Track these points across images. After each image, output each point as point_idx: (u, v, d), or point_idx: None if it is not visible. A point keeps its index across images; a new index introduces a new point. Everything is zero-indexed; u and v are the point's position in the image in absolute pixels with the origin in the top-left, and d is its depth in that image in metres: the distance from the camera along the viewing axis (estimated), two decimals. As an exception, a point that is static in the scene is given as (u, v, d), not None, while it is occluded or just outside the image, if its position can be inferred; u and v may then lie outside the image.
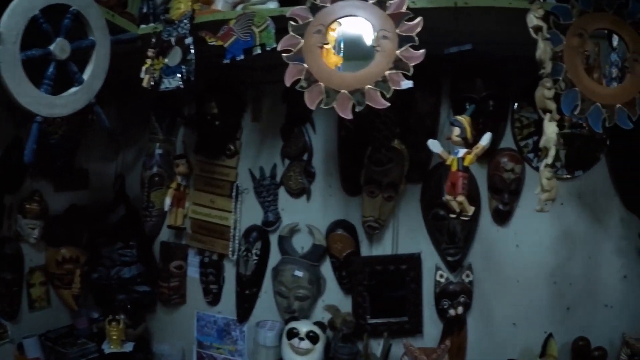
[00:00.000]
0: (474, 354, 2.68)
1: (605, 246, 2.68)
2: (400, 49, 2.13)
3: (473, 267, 2.62)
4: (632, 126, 2.25)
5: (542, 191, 2.13)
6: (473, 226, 2.60)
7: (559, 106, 2.15)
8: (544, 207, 2.14)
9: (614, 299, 2.70)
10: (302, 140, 2.69)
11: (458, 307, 2.57)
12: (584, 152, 2.71)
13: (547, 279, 2.64)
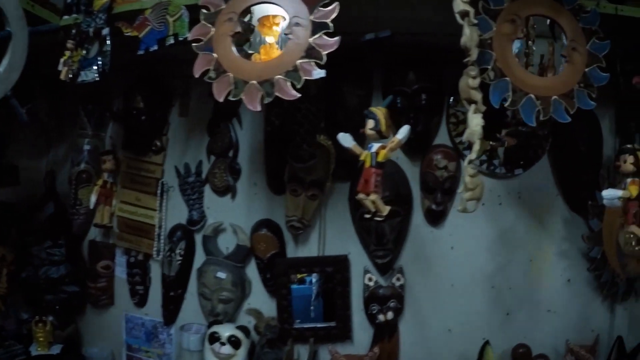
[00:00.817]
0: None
1: (547, 248, 2.37)
2: (313, 37, 1.87)
3: (405, 270, 2.32)
4: (569, 120, 1.93)
5: (465, 190, 1.83)
6: (404, 227, 2.29)
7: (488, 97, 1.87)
8: (467, 207, 1.82)
9: (557, 304, 2.40)
10: (227, 136, 2.41)
11: (388, 312, 2.27)
12: (525, 149, 2.37)
13: (485, 282, 2.32)
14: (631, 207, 2.03)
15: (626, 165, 2.03)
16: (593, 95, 1.97)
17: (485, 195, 2.32)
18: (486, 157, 2.34)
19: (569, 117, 1.95)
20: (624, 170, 2.05)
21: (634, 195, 2.01)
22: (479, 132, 1.84)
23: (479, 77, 1.85)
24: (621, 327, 2.48)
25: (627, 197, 2.02)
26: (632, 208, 2.02)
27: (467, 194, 1.83)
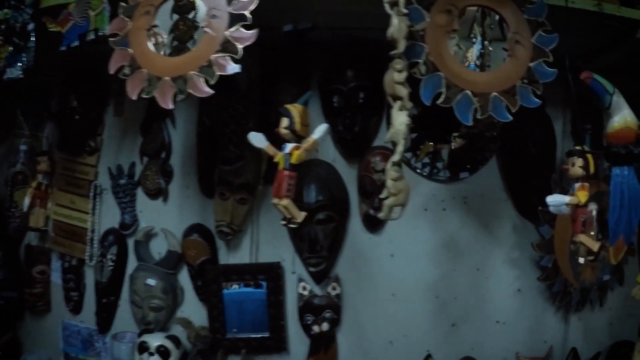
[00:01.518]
0: (348, 374, 2.08)
1: (495, 256, 2.10)
2: (230, 30, 1.65)
3: (341, 278, 2.06)
4: (510, 119, 1.67)
5: (388, 194, 1.54)
6: (340, 233, 2.04)
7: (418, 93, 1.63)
8: (389, 214, 1.55)
9: (506, 314, 2.14)
10: (160, 137, 2.15)
11: (323, 323, 2.02)
12: (471, 152, 2.09)
13: (428, 292, 2.06)
14: (579, 214, 1.76)
15: (575, 168, 1.76)
16: (538, 92, 1.72)
17: (429, 200, 2.08)
18: (429, 159, 2.07)
19: (510, 116, 1.69)
20: (572, 174, 1.78)
21: (582, 201, 1.73)
22: (404, 132, 1.59)
23: (405, 71, 1.60)
24: (575, 338, 2.21)
25: (575, 204, 1.73)
26: (580, 215, 1.75)
27: (390, 199, 1.59)
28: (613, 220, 1.76)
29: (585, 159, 1.77)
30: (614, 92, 1.79)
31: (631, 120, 1.79)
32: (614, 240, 1.81)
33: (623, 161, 1.81)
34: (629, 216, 1.81)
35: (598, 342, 2.26)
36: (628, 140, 1.80)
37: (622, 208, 1.80)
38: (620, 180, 1.80)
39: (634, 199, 1.81)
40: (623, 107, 1.80)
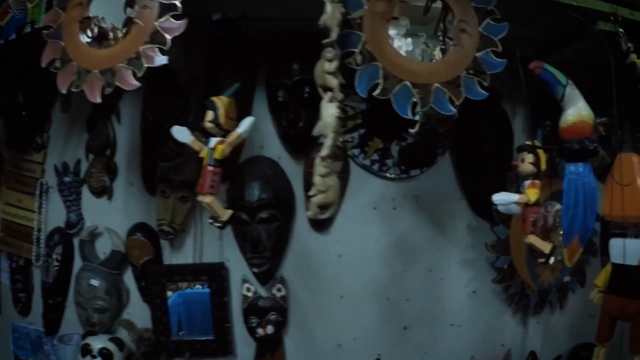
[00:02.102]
0: (296, 378, 1.91)
1: (449, 257, 1.91)
2: (159, 19, 1.49)
3: (287, 280, 1.88)
4: (454, 111, 1.50)
5: (317, 192, 1.42)
6: (285, 233, 1.86)
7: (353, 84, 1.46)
8: (317, 213, 1.37)
9: (461, 317, 1.98)
10: (105, 133, 1.96)
11: (267, 325, 1.85)
12: (423, 148, 1.90)
13: (378, 294, 1.88)
14: (529, 213, 1.57)
15: (524, 165, 1.57)
16: (485, 83, 1.56)
17: (378, 198, 1.88)
18: (378, 156, 1.88)
19: (454, 109, 1.50)
20: (521, 170, 1.59)
21: (532, 200, 1.54)
22: (333, 125, 1.42)
23: (336, 60, 1.43)
24: (534, 341, 2.03)
25: (525, 203, 1.53)
26: (530, 215, 1.56)
27: (317, 197, 1.41)
28: (566, 220, 1.57)
29: (535, 154, 1.57)
30: (567, 84, 1.59)
31: (586, 113, 1.60)
32: (567, 242, 1.62)
33: (577, 157, 1.61)
34: (584, 216, 1.62)
35: (558, 345, 2.07)
36: (583, 134, 1.60)
37: (576, 207, 1.61)
38: (575, 178, 1.61)
39: (590, 197, 1.62)
40: (577, 100, 1.60)
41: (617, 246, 1.69)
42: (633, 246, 1.68)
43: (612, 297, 1.71)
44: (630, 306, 1.62)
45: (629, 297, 1.67)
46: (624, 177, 1.66)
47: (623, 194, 1.65)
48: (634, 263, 1.65)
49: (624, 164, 1.68)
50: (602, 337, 1.74)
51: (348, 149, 1.88)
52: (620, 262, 1.67)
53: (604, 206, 1.63)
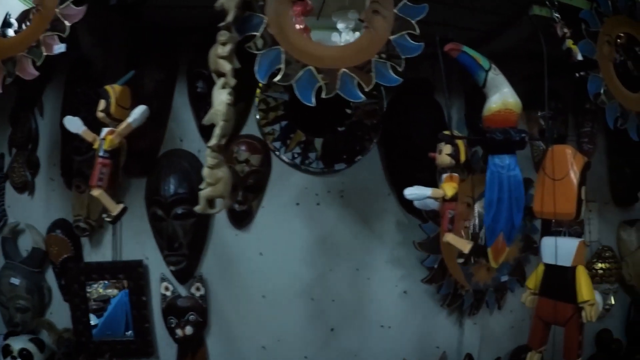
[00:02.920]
0: (221, 381, 1.70)
1: (377, 255, 1.66)
2: (60, 6, 1.32)
3: (207, 278, 1.63)
4: (362, 98, 1.27)
5: (206, 185, 1.22)
6: (202, 229, 1.63)
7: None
8: (205, 207, 1.12)
9: (392, 318, 1.72)
10: (27, 127, 1.73)
11: (186, 326, 1.63)
12: (348, 141, 1.64)
13: (303, 294, 1.65)
14: (447, 209, 1.32)
15: (442, 156, 1.31)
16: (399, 68, 1.31)
17: (301, 193, 1.63)
18: (300, 150, 1.62)
19: (362, 95, 1.28)
20: (439, 162, 1.31)
21: (448, 195, 1.30)
22: (224, 112, 1.22)
23: (231, 44, 1.22)
24: (471, 342, 1.77)
25: (441, 197, 1.26)
26: (447, 211, 1.30)
27: (206, 189, 1.22)
28: (489, 217, 1.32)
29: (454, 145, 1.30)
30: (490, 68, 1.33)
31: (513, 101, 1.33)
32: (491, 240, 1.35)
33: (501, 148, 1.34)
34: (509, 212, 1.35)
35: (498, 347, 1.80)
36: (508, 124, 1.34)
37: (500, 203, 1.36)
38: (499, 171, 1.33)
39: (516, 192, 1.35)
40: (502, 86, 1.34)
41: (549, 245, 1.43)
42: (565, 245, 1.41)
43: (544, 299, 1.44)
44: (563, 310, 1.38)
45: (561, 299, 1.40)
46: (556, 171, 1.40)
47: (555, 189, 1.38)
48: (566, 264, 1.37)
49: (556, 156, 1.41)
50: (535, 342, 1.48)
51: (269, 142, 1.63)
52: (552, 262, 1.40)
53: (534, 202, 1.37)
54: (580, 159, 1.40)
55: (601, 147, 2.00)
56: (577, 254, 1.39)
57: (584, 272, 1.40)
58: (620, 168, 1.98)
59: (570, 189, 1.37)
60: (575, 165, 1.39)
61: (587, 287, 1.37)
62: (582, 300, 1.34)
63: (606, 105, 1.52)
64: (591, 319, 1.36)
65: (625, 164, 1.97)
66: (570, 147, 1.41)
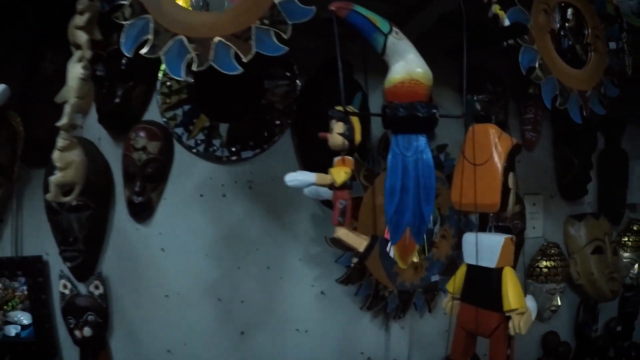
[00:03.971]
0: (126, 387, 1.46)
1: (290, 253, 1.33)
2: None
3: (108, 276, 1.33)
4: (239, 69, 0.96)
5: (58, 170, 0.96)
6: (100, 223, 1.32)
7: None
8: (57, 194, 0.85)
9: (308, 321, 1.41)
10: None
11: (84, 327, 1.30)
12: (256, 126, 1.28)
13: (208, 294, 1.32)
14: (337, 199, 0.98)
15: (333, 136, 0.93)
16: (284, 35, 0.99)
17: (205, 184, 1.29)
18: (204, 136, 1.27)
19: (240, 67, 0.97)
20: (331, 143, 0.94)
21: (338, 181, 0.95)
22: (77, 88, 0.95)
23: (89, 13, 0.96)
24: (400, 348, 1.38)
25: (330, 185, 0.88)
26: (338, 201, 0.98)
27: (56, 175, 0.95)
28: (392, 209, 0.95)
29: (348, 122, 0.94)
30: (391, 31, 0.97)
31: (420, 71, 0.97)
32: (396, 237, 0.98)
33: (406, 127, 0.97)
34: (416, 203, 0.97)
35: (430, 353, 1.43)
36: (414, 97, 0.97)
37: (405, 191, 0.99)
38: (403, 153, 0.96)
39: (425, 179, 0.98)
40: (406, 52, 0.99)
41: (470, 242, 1.04)
42: (488, 243, 1.03)
43: (466, 306, 1.06)
44: (487, 319, 1.01)
45: (484, 307, 1.03)
46: (477, 154, 1.03)
47: (475, 176, 1.00)
48: (490, 265, 1.01)
49: (478, 137, 1.04)
50: (457, 354, 1.10)
51: (171, 128, 1.28)
52: (474, 263, 1.01)
53: (452, 192, 1.00)
54: (507, 140, 1.03)
55: (546, 135, 1.63)
56: (503, 253, 1.01)
57: (512, 275, 1.02)
58: (568, 158, 1.60)
59: (494, 175, 1.00)
60: (501, 146, 1.02)
61: (515, 292, 1.00)
62: (509, 309, 0.97)
63: (542, 81, 1.15)
64: (520, 330, 0.99)
65: (573, 155, 1.59)
66: (494, 127, 1.04)
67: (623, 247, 1.78)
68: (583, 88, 1.26)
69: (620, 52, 1.33)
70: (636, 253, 1.76)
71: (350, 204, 0.99)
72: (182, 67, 0.97)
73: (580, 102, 1.21)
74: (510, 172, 1.02)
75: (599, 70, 1.30)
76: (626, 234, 1.79)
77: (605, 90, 1.31)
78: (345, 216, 0.98)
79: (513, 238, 1.03)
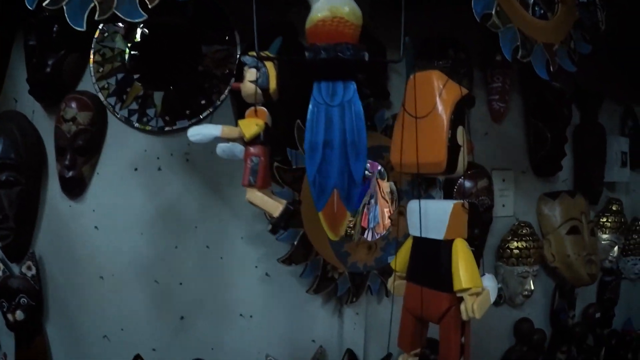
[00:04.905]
0: (62, 375, 1.36)
1: (232, 231, 1.11)
2: None
3: (42, 256, 1.12)
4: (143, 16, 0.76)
5: None
6: (31, 200, 1.17)
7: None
8: None
9: (252, 306, 1.19)
10: None
11: (16, 310, 1.06)
12: (193, 93, 1.03)
13: (144, 275, 1.14)
14: (249, 155, 0.78)
15: (245, 84, 0.71)
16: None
17: (139, 157, 1.06)
18: (137, 105, 1.04)
19: (144, 13, 0.77)
20: (243, 93, 0.68)
21: (247, 136, 0.77)
22: None
23: None
24: (355, 336, 1.12)
25: (238, 139, 0.77)
26: (249, 158, 0.77)
27: None
28: (313, 169, 0.70)
29: (261, 69, 0.69)
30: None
31: (347, 9, 0.70)
32: (321, 202, 0.73)
33: (330, 72, 0.72)
34: (343, 162, 0.72)
35: (388, 341, 1.12)
36: (338, 38, 0.72)
37: (328, 147, 0.75)
38: (326, 103, 0.69)
39: (352, 134, 0.73)
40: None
41: (414, 211, 0.78)
42: (436, 210, 0.78)
43: (412, 286, 0.86)
44: (436, 301, 0.77)
45: (432, 287, 0.78)
46: (420, 106, 0.78)
47: (418, 131, 0.73)
48: (438, 237, 0.78)
49: (420, 87, 0.79)
50: (405, 342, 0.87)
51: (104, 98, 1.06)
52: (418, 234, 0.75)
53: (391, 151, 0.74)
54: (455, 89, 0.83)
55: (516, 107, 1.38)
56: (453, 221, 0.78)
57: (464, 249, 0.78)
58: (540, 132, 1.34)
59: (438, 128, 0.79)
60: (446, 95, 0.77)
61: (468, 269, 0.75)
62: (460, 288, 0.74)
63: (500, 30, 0.88)
64: (474, 314, 0.74)
65: (546, 128, 1.32)
66: (439, 73, 0.83)
67: (602, 229, 1.56)
68: (550, 41, 1.01)
69: (592, 4, 1.06)
70: (615, 234, 1.54)
71: (265, 162, 0.75)
72: (83, 18, 0.76)
73: (546, 56, 0.95)
74: (459, 127, 0.78)
75: (568, 22, 1.05)
76: (605, 215, 1.54)
77: (575, 45, 1.05)
78: (257, 176, 0.73)
79: (465, 203, 0.79)
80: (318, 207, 0.85)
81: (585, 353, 1.51)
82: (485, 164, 1.34)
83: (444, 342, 0.80)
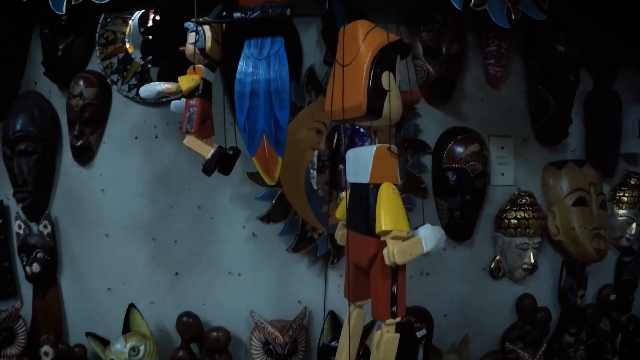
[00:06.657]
0: (74, 322, 1.53)
1: (221, 193, 1.42)
2: None
3: (57, 217, 1.51)
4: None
5: None
6: (47, 166, 1.53)
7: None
8: None
9: (240, 264, 1.45)
10: None
11: (33, 263, 1.50)
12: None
13: (144, 234, 1.47)
14: (187, 106, 1.03)
15: (186, 47, 1.06)
16: None
17: (139, 126, 1.41)
18: (137, 80, 1.40)
19: None
20: (186, 53, 1.07)
21: (184, 88, 1.03)
22: None
23: None
24: (338, 299, 1.35)
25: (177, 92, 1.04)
26: (188, 109, 1.03)
27: None
28: (243, 116, 0.97)
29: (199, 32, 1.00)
30: None
31: None
32: (253, 147, 1.02)
33: (257, 30, 1.00)
34: (269, 108, 1.01)
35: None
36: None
37: (255, 97, 1.02)
38: (253, 56, 1.02)
39: (276, 82, 1.01)
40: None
41: (349, 157, 0.96)
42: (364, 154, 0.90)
43: (350, 233, 0.93)
44: (366, 246, 0.87)
45: (361, 231, 0.89)
46: (346, 54, 0.93)
47: (344, 78, 0.92)
48: (364, 181, 0.89)
49: (348, 37, 0.94)
50: (350, 292, 0.96)
51: (107, 75, 1.42)
52: (355, 180, 0.93)
53: (325, 101, 0.98)
54: (379, 35, 0.91)
55: (516, 71, 1.52)
56: (376, 164, 0.87)
57: (388, 192, 0.86)
58: (542, 97, 1.47)
59: (359, 72, 0.89)
60: (369, 41, 0.90)
61: (390, 212, 0.84)
62: (380, 230, 0.83)
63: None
64: (394, 258, 0.81)
65: (549, 93, 1.46)
66: (365, 22, 0.93)
67: (618, 204, 1.56)
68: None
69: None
70: (633, 210, 1.54)
71: (200, 111, 1.02)
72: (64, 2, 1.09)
73: (506, 4, 1.11)
74: (386, 71, 0.89)
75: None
76: (621, 189, 1.58)
77: (545, -8, 1.18)
78: (193, 123, 1.01)
79: (391, 147, 0.89)
80: (250, 152, 1.04)
81: (597, 337, 1.52)
82: (482, 130, 1.46)
83: (373, 290, 0.87)
